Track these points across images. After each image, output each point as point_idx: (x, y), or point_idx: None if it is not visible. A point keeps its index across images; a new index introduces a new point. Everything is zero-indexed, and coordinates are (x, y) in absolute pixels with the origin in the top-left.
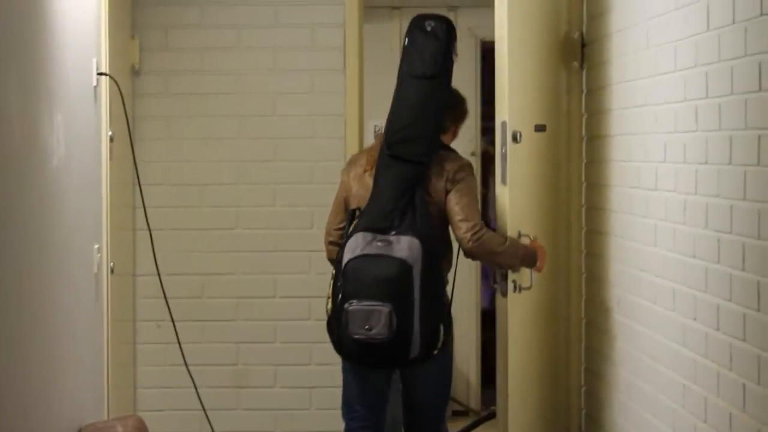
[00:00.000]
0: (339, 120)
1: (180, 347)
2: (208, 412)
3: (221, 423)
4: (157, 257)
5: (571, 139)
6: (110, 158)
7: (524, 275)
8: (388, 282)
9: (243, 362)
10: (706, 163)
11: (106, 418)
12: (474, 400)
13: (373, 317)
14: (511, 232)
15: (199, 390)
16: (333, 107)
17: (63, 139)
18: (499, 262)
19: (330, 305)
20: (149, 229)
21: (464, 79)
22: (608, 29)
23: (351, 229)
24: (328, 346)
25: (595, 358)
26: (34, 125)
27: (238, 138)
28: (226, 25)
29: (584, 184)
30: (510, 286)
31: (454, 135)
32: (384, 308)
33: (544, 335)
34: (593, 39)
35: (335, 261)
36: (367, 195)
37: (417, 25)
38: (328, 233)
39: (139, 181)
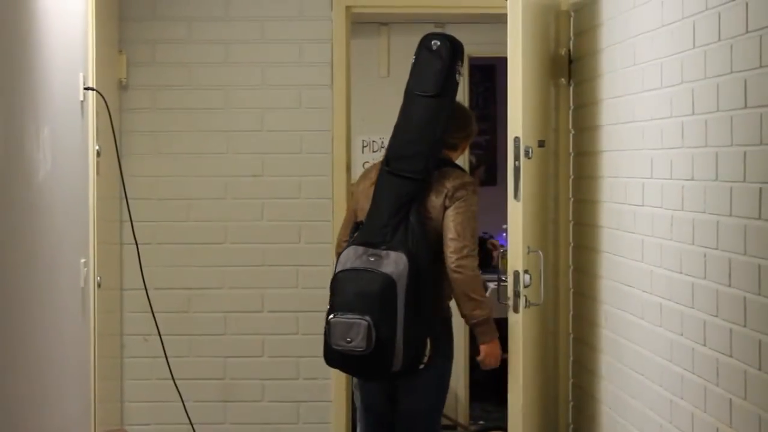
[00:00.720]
0: (326, 135)
1: (167, 361)
2: (195, 426)
3: None
4: (144, 271)
5: (559, 155)
6: (97, 173)
7: (534, 291)
8: (370, 296)
9: (231, 376)
10: (692, 179)
11: (93, 431)
12: (462, 415)
13: (353, 330)
14: (522, 248)
15: (186, 404)
16: (320, 122)
17: (49, 154)
18: (470, 297)
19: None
20: (136, 244)
21: None
22: (595, 46)
23: (351, 240)
24: (316, 361)
25: (582, 373)
26: (20, 139)
27: (225, 153)
28: (213, 41)
29: (571, 200)
30: (522, 301)
31: (462, 151)
32: (363, 321)
33: (537, 350)
34: (580, 55)
35: None
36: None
37: (424, 43)
38: (338, 245)
39: (126, 196)
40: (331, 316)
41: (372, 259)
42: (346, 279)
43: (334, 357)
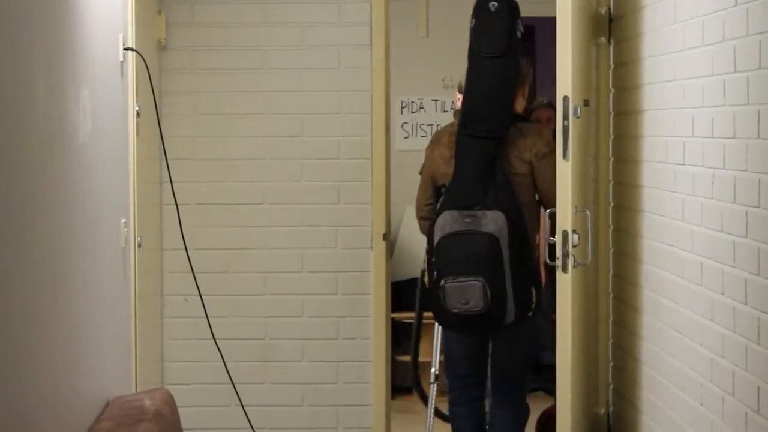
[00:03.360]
0: (365, 95)
1: (208, 321)
2: (235, 386)
3: (248, 396)
4: (184, 232)
5: (599, 115)
6: (137, 133)
7: (581, 251)
8: (479, 257)
9: (270, 336)
10: (734, 137)
11: (134, 391)
12: None
13: (468, 292)
14: (571, 208)
15: (226, 364)
16: (359, 83)
17: (90, 115)
18: None
19: (427, 279)
20: (176, 204)
21: None
22: (636, 4)
23: (438, 207)
24: (355, 320)
25: (622, 333)
26: (61, 101)
27: (264, 113)
28: (252, 1)
29: (612, 160)
30: (571, 261)
31: (524, 98)
32: (477, 282)
33: (582, 311)
34: (621, 14)
35: (427, 235)
36: (451, 173)
37: (482, 6)
38: (419, 209)
39: (166, 156)
40: (443, 281)
41: (468, 221)
42: (451, 243)
43: (449, 319)
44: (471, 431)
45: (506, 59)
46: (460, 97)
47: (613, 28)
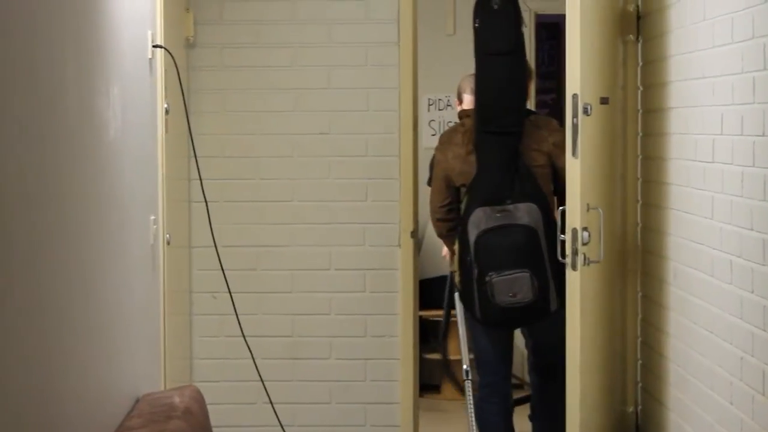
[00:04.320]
0: (393, 93)
1: (237, 318)
2: (264, 383)
3: (276, 394)
4: (212, 229)
5: (627, 112)
6: (165, 130)
7: (593, 248)
8: (521, 249)
9: (298, 334)
10: (763, 134)
11: (162, 388)
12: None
13: (516, 284)
14: (581, 205)
15: (255, 361)
16: (387, 80)
17: (120, 111)
18: None
19: (459, 278)
20: (206, 202)
21: None
22: (664, 1)
23: (465, 205)
24: (383, 318)
25: (651, 331)
26: (91, 98)
27: (292, 111)
28: None
29: (639, 157)
30: (580, 259)
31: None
32: (524, 274)
33: (605, 308)
34: (649, 11)
35: (445, 236)
36: (472, 171)
37: (483, 5)
38: (434, 212)
39: (195, 154)
40: (488, 277)
41: (500, 215)
42: (491, 240)
43: (494, 314)
44: (502, 425)
45: (516, 55)
46: (464, 99)
47: (641, 26)
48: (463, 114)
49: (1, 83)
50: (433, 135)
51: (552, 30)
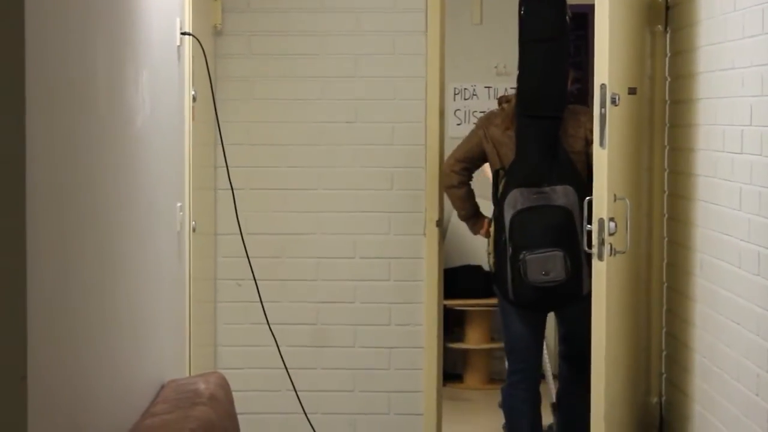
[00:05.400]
0: (420, 82)
1: (262, 306)
2: (288, 371)
3: (300, 382)
4: (238, 217)
5: (654, 103)
6: (192, 118)
7: (620, 239)
8: (556, 229)
9: (322, 322)
10: None
11: (187, 375)
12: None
13: (549, 263)
14: (608, 195)
15: (279, 348)
16: (414, 69)
17: (148, 98)
18: None
19: (493, 260)
20: (232, 189)
21: None
22: None
23: (502, 188)
24: (408, 307)
25: (676, 322)
26: (121, 84)
27: (319, 99)
28: None
29: (666, 148)
30: (607, 249)
31: (571, 83)
32: (558, 253)
33: (629, 299)
34: (678, 2)
35: (449, 188)
36: (509, 154)
37: None
38: (455, 163)
39: (222, 141)
40: (522, 255)
41: (536, 196)
42: (526, 219)
43: (526, 294)
44: (530, 413)
45: (560, 42)
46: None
47: (669, 16)
48: (502, 99)
49: (33, 71)
50: (459, 124)
51: (580, 20)
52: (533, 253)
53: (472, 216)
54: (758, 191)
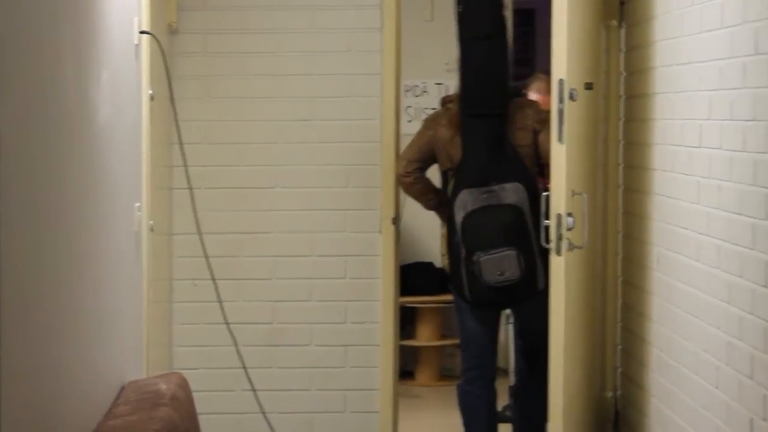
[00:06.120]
0: (375, 79)
1: (221, 306)
2: (247, 370)
3: (257, 381)
4: (192, 216)
5: (609, 98)
6: (150, 117)
7: (577, 234)
8: (507, 228)
9: (279, 321)
10: (754, 119)
11: (145, 376)
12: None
13: (504, 263)
14: (566, 191)
15: (234, 348)
16: (370, 66)
17: (109, 97)
18: None
19: (447, 261)
20: (190, 188)
21: None
22: None
23: (452, 188)
24: (364, 305)
25: (631, 316)
26: (85, 83)
27: (275, 97)
28: None
29: (622, 143)
30: (565, 244)
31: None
32: (511, 252)
33: (586, 294)
34: None
35: (406, 189)
36: (458, 155)
37: None
38: (407, 165)
39: (180, 141)
40: (476, 256)
41: (486, 196)
42: (477, 220)
43: (482, 294)
44: (485, 410)
45: (499, 38)
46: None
47: (624, 12)
48: (446, 99)
49: (4, 70)
50: (410, 121)
51: (526, 17)
52: (487, 254)
53: (438, 205)
54: (717, 184)
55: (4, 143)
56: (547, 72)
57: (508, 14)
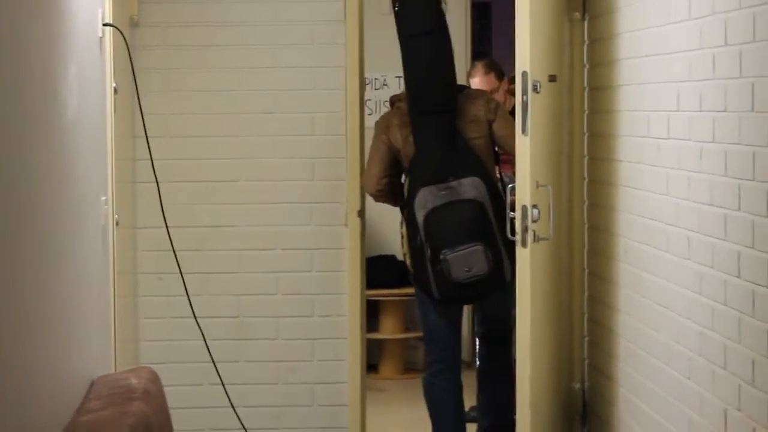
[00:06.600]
0: (339, 72)
1: (189, 299)
2: (216, 364)
3: (224, 375)
4: (157, 209)
5: (573, 90)
6: (114, 110)
7: (543, 226)
8: (471, 223)
9: (245, 314)
10: (725, 110)
11: (113, 370)
12: (467, 352)
13: (472, 258)
14: (531, 182)
15: (201, 342)
16: (334, 59)
17: (76, 91)
18: None
19: (410, 261)
20: (157, 182)
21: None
22: None
23: (407, 187)
24: (330, 298)
25: (598, 307)
26: (53, 77)
27: (239, 90)
28: None
29: (586, 135)
30: (530, 236)
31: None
32: (478, 247)
33: (552, 285)
34: None
35: (380, 199)
36: (412, 152)
37: None
38: (374, 184)
39: (146, 134)
40: (442, 255)
41: (445, 193)
42: (439, 218)
43: (450, 290)
44: (452, 402)
45: (440, 34)
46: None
47: (587, 4)
48: (395, 99)
49: None
50: (370, 114)
51: (482, 9)
52: (453, 251)
53: None
54: (687, 175)
55: None
56: (482, 60)
57: (463, 8)
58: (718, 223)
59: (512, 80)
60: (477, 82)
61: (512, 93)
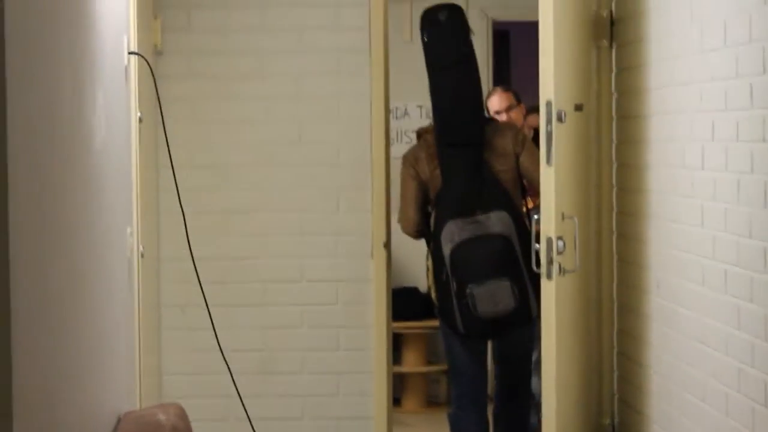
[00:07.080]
0: (363, 100)
1: (215, 332)
2: (242, 398)
3: (248, 409)
4: (181, 240)
5: (601, 119)
6: (139, 140)
7: (569, 258)
8: (498, 258)
9: (270, 348)
10: (763, 141)
11: (138, 406)
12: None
13: (498, 293)
14: (555, 214)
15: (225, 376)
16: (358, 88)
17: (104, 119)
18: None
19: (435, 294)
20: (183, 213)
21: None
22: (640, 6)
23: (434, 220)
24: (356, 332)
25: (628, 341)
26: (82, 104)
27: (263, 120)
28: (249, 5)
29: (615, 165)
30: (555, 268)
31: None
32: (505, 282)
33: (579, 319)
34: (623, 17)
35: (426, 236)
36: (439, 185)
37: (429, 18)
38: (417, 224)
39: (172, 164)
40: (468, 289)
41: (473, 227)
42: (466, 252)
43: (476, 325)
44: None
45: (468, 64)
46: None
47: (614, 32)
48: (422, 131)
49: (14, 95)
50: (391, 144)
51: (501, 38)
52: (480, 286)
53: None
54: (723, 208)
55: (18, 170)
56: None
57: (485, 37)
58: (758, 256)
59: (531, 110)
60: (495, 101)
61: (532, 126)
